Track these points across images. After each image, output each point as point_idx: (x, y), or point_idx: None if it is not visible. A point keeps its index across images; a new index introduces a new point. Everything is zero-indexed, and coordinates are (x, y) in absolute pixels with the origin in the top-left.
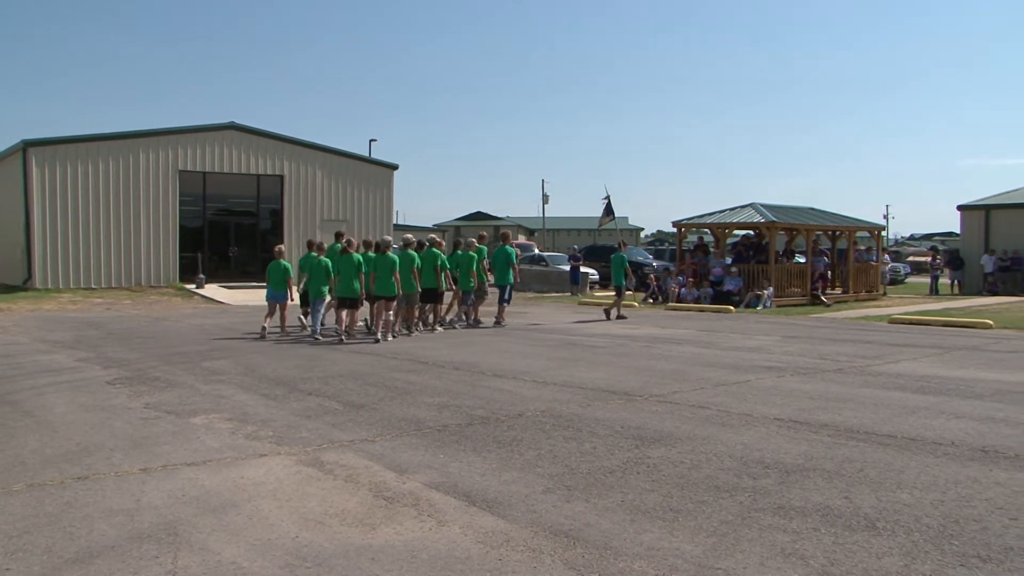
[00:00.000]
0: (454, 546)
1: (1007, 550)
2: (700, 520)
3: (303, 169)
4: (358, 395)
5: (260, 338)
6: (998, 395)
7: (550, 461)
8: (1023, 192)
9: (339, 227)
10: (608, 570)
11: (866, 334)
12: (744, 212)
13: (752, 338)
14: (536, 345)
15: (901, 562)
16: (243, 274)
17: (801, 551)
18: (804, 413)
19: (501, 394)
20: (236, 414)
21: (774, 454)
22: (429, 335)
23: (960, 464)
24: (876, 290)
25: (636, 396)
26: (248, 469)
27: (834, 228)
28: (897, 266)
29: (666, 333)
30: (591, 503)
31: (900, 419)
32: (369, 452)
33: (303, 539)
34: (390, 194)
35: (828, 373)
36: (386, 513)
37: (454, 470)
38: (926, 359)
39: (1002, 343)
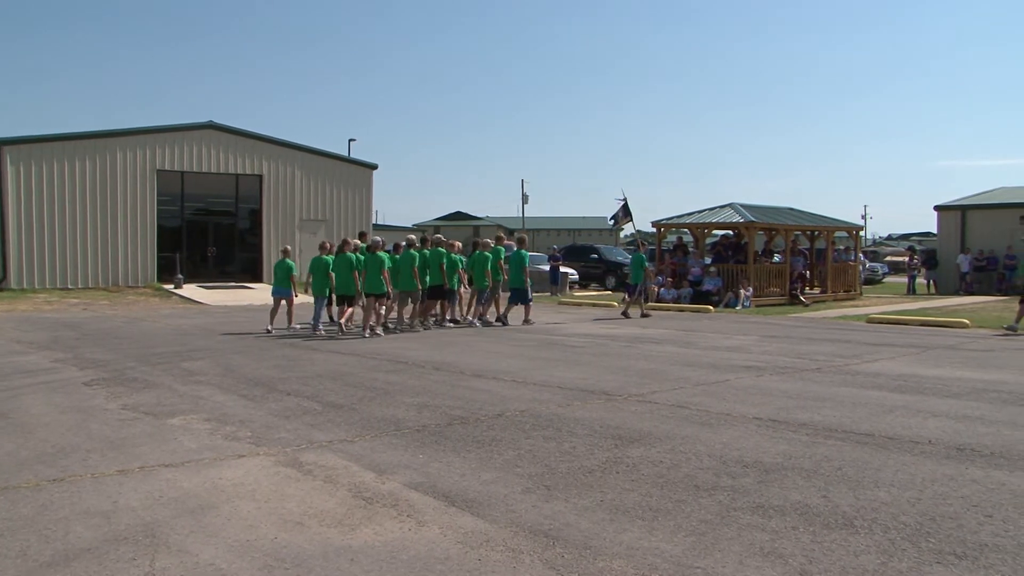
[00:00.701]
0: (434, 547)
1: (982, 547)
2: (679, 519)
3: (282, 169)
4: (337, 395)
5: (267, 333)
6: (974, 394)
7: (530, 461)
8: (998, 193)
9: (318, 227)
10: (588, 570)
11: (844, 333)
12: (723, 212)
13: (731, 338)
14: (516, 345)
15: (878, 560)
16: (222, 274)
17: (780, 550)
18: (783, 412)
19: (481, 394)
20: (214, 415)
21: (753, 453)
22: (414, 334)
23: (936, 462)
24: (854, 290)
25: (615, 396)
26: (226, 470)
27: (813, 228)
28: (875, 266)
29: (646, 333)
30: (571, 503)
31: (878, 418)
32: (348, 452)
33: (282, 540)
34: (369, 194)
35: (807, 372)
36: (365, 514)
37: (434, 470)
38: (903, 358)
39: (978, 342)
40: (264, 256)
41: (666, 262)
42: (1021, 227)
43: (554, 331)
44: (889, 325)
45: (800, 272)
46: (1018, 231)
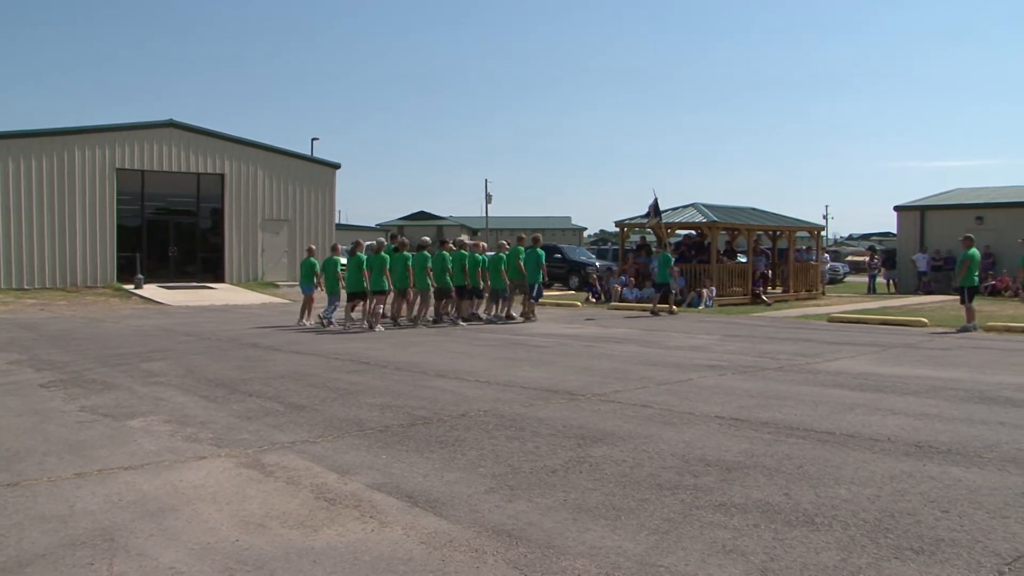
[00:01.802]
0: (397, 547)
1: (938, 542)
2: (642, 518)
3: (244, 168)
4: (300, 396)
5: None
6: (932, 391)
7: (493, 461)
8: (956, 194)
9: (280, 227)
10: (551, 569)
11: (806, 332)
12: (686, 212)
13: (694, 337)
14: (480, 345)
15: (838, 556)
16: (183, 274)
17: (742, 547)
18: (745, 411)
19: (444, 394)
20: (175, 416)
21: (715, 452)
22: (371, 334)
23: (895, 459)
24: (816, 289)
25: (579, 395)
26: (187, 472)
27: (775, 228)
28: (836, 265)
29: (609, 333)
30: (534, 502)
31: (838, 416)
32: (311, 453)
33: (243, 542)
34: (332, 193)
35: (769, 371)
36: (328, 515)
37: (396, 471)
38: (864, 357)
39: (936, 341)
40: (226, 256)
41: (629, 262)
42: (977, 227)
43: (518, 331)
44: (850, 324)
45: (762, 272)
46: (974, 231)
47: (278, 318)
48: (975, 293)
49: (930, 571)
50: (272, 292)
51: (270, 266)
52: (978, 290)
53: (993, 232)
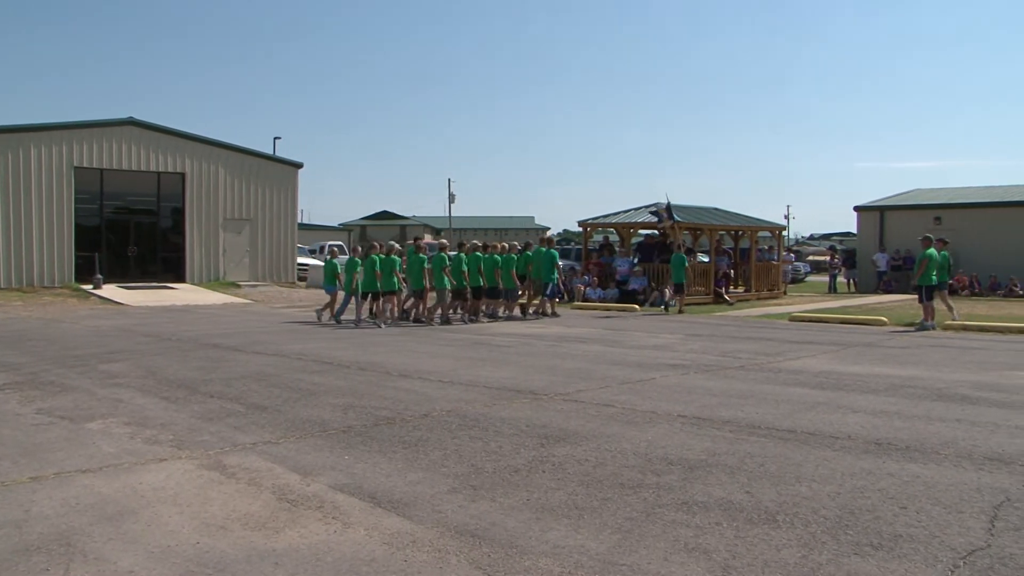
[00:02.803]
0: (359, 548)
1: (897, 538)
2: (605, 517)
3: (205, 167)
4: (262, 397)
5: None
6: (891, 389)
7: (456, 461)
8: (915, 195)
9: (242, 226)
10: (514, 568)
11: (767, 332)
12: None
13: (657, 336)
14: (443, 345)
15: (799, 553)
16: (143, 274)
17: (704, 545)
18: (707, 410)
19: (407, 394)
20: (135, 418)
21: (678, 450)
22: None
23: (855, 457)
24: (777, 288)
25: (542, 395)
26: (147, 474)
27: (737, 228)
28: (798, 265)
29: (572, 332)
30: (497, 502)
31: (800, 414)
32: (273, 454)
33: (204, 545)
34: (295, 193)
35: (731, 370)
36: (290, 516)
37: (359, 471)
38: (824, 355)
39: (895, 339)
40: (187, 255)
41: (593, 261)
42: (936, 227)
43: (481, 331)
44: (811, 323)
45: (724, 271)
46: (932, 231)
47: (253, 317)
48: (933, 292)
49: (888, 566)
50: (234, 292)
51: (232, 266)
52: (936, 289)
53: (951, 232)
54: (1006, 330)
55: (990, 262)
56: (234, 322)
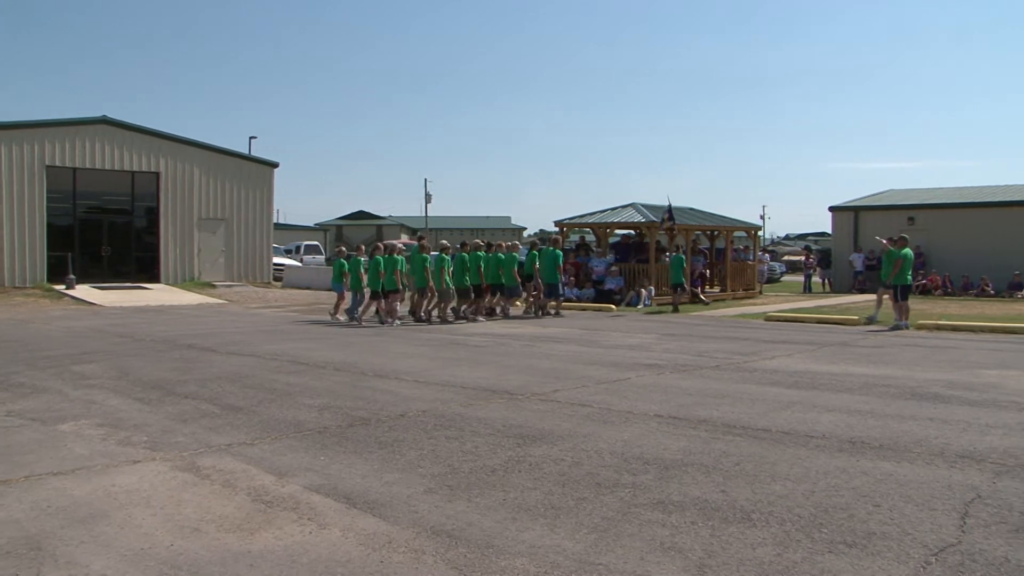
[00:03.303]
0: (335, 549)
1: (870, 535)
2: (581, 517)
3: (180, 166)
4: (236, 397)
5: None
6: (865, 388)
7: (432, 461)
8: (889, 195)
9: (217, 226)
10: (490, 568)
11: (743, 331)
12: (625, 212)
13: (633, 336)
14: (418, 345)
15: (774, 551)
16: (117, 274)
17: (680, 544)
18: (683, 409)
19: (383, 395)
20: (108, 420)
21: (654, 450)
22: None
23: (830, 455)
24: (753, 288)
25: (518, 395)
26: (120, 476)
27: (712, 228)
28: (773, 265)
29: (548, 332)
30: (473, 502)
31: (775, 413)
32: (247, 456)
33: (178, 547)
34: (270, 192)
35: (706, 370)
36: (265, 517)
37: (335, 472)
38: (800, 355)
39: (869, 339)
40: (161, 255)
41: (569, 261)
42: (909, 227)
43: (456, 330)
44: (786, 323)
45: (700, 271)
46: (906, 231)
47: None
48: (908, 292)
49: (862, 563)
50: (209, 292)
51: (207, 266)
52: (911, 289)
53: (924, 232)
54: (978, 329)
55: (962, 262)
56: (209, 323)
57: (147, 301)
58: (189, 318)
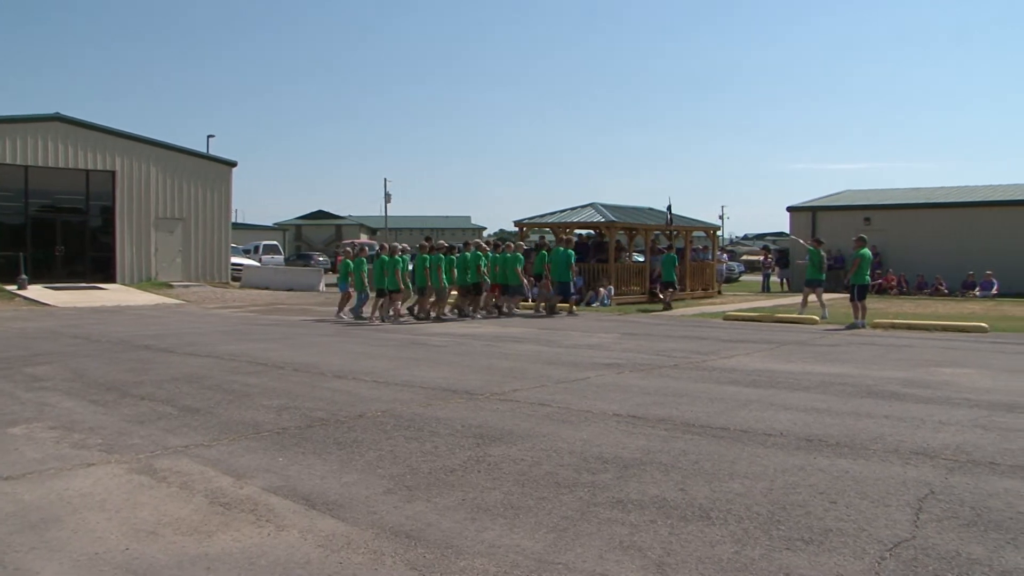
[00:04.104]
0: (293, 551)
1: (827, 532)
2: (540, 516)
3: (136, 165)
4: (194, 399)
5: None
6: (822, 387)
7: (391, 462)
8: (845, 195)
9: (175, 225)
10: (449, 569)
11: (702, 330)
12: (584, 212)
13: (592, 336)
14: (378, 345)
15: (733, 549)
16: (71, 274)
17: (639, 543)
18: (642, 408)
19: (342, 395)
20: (61, 422)
21: (613, 449)
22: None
23: (787, 453)
24: (712, 288)
25: (477, 395)
26: (74, 480)
27: (672, 228)
28: (732, 264)
29: (507, 331)
30: (432, 503)
31: (733, 412)
32: (205, 457)
33: (134, 551)
34: (228, 192)
35: (665, 369)
36: (223, 520)
37: (293, 473)
38: (758, 354)
39: (827, 337)
40: (117, 255)
41: (529, 261)
42: (865, 227)
43: (416, 330)
44: (744, 322)
45: (660, 271)
46: (862, 231)
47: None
48: (866, 291)
49: (819, 560)
50: (166, 292)
51: (164, 266)
52: (868, 288)
53: (880, 232)
54: (932, 328)
55: (917, 261)
56: (166, 323)
57: (103, 301)
58: (146, 319)
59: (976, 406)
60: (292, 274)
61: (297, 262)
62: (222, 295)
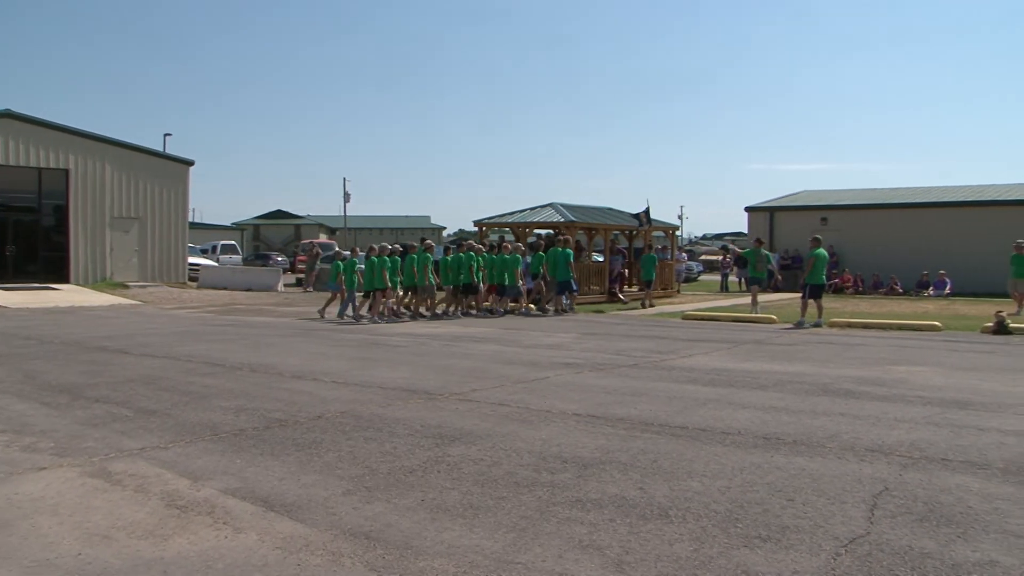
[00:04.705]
0: (251, 553)
1: (784, 529)
2: (500, 516)
3: (91, 163)
4: (150, 400)
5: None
6: (779, 385)
7: (350, 462)
8: (803, 196)
9: (131, 225)
10: (409, 569)
11: (661, 330)
12: (544, 212)
13: (551, 335)
14: (337, 345)
15: (691, 547)
16: (23, 274)
17: (598, 542)
18: (601, 408)
19: (300, 396)
20: (12, 425)
21: (572, 449)
22: None
23: (745, 452)
24: (671, 288)
25: (436, 395)
26: (25, 484)
27: (631, 228)
28: (691, 264)
29: (467, 331)
30: (391, 503)
31: (691, 411)
32: (161, 460)
33: (87, 556)
34: (186, 191)
35: (624, 368)
36: (179, 523)
37: (251, 475)
38: (717, 353)
39: (783, 336)
40: (71, 255)
41: None
42: (822, 228)
43: (375, 331)
44: (703, 321)
45: (619, 271)
46: (819, 231)
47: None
48: (821, 290)
49: (776, 557)
50: (122, 293)
51: (120, 266)
52: (824, 287)
53: (836, 232)
54: (887, 327)
55: (873, 261)
56: (122, 324)
57: (56, 302)
58: (101, 319)
59: (929, 404)
60: (250, 274)
61: (255, 262)
62: (179, 295)
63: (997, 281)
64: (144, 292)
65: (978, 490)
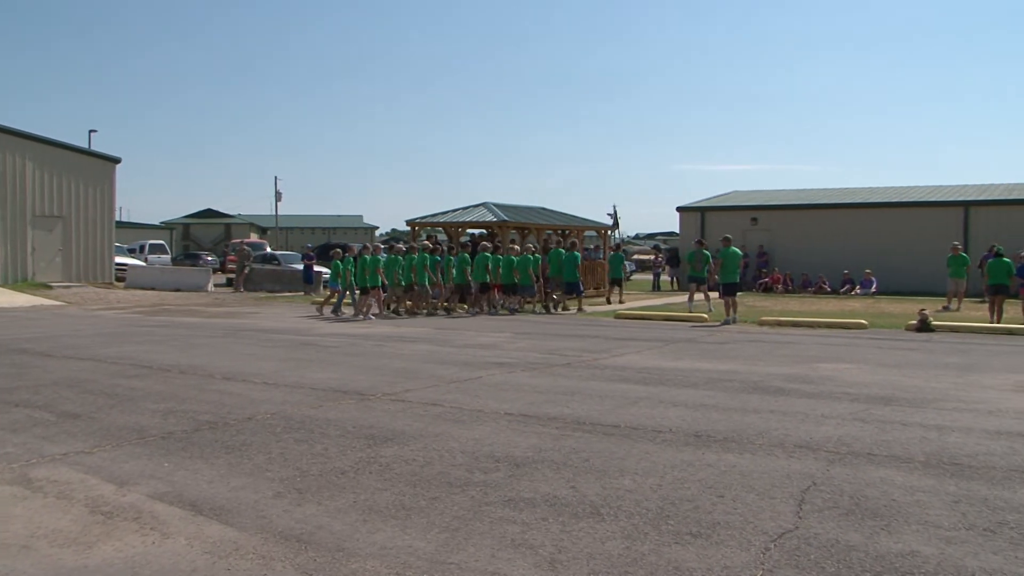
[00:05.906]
0: (179, 559)
1: (715, 525)
2: (432, 516)
3: (10, 159)
4: (74, 404)
5: None
6: (710, 383)
7: (280, 465)
8: (733, 196)
9: (54, 223)
10: (341, 572)
11: (593, 329)
12: (477, 211)
13: (484, 335)
14: (268, 346)
15: (623, 545)
16: None
17: (530, 541)
18: (533, 407)
19: (230, 397)
20: None
21: (504, 448)
22: None
23: (676, 449)
24: (603, 287)
25: (368, 395)
26: None
27: (563, 227)
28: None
29: (400, 332)
30: (323, 505)
31: (623, 409)
32: (85, 465)
33: (3, 567)
34: (112, 189)
35: (557, 368)
36: (104, 529)
37: (179, 479)
38: (648, 351)
39: (715, 335)
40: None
41: None
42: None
43: (307, 331)
44: (635, 320)
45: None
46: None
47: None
48: (734, 288)
49: (707, 552)
50: (44, 293)
51: (42, 265)
52: (737, 285)
53: (766, 232)
54: (815, 325)
55: (802, 260)
56: (44, 326)
57: None
58: (22, 321)
59: (856, 400)
60: (179, 274)
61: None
62: (105, 296)
63: (921, 280)
64: (68, 293)
65: (901, 483)
